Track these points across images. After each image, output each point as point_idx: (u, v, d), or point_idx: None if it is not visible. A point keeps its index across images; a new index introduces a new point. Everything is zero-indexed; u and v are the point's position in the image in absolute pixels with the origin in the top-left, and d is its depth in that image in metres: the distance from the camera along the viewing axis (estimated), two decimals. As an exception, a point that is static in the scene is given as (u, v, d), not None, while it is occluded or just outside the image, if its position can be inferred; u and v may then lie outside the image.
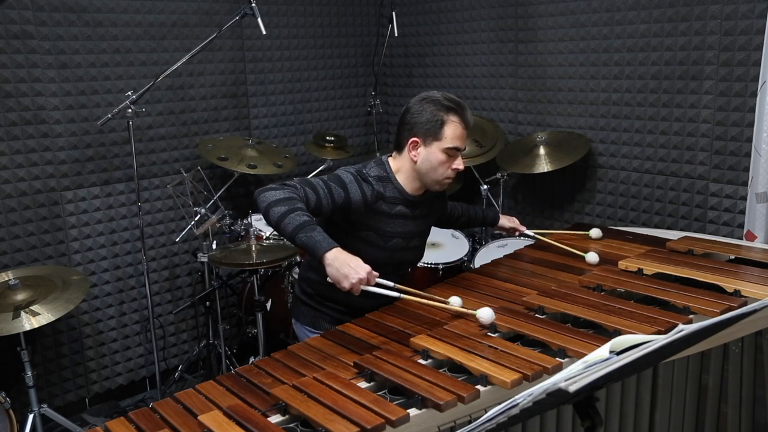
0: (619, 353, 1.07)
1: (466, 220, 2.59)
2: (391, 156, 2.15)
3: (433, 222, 2.36)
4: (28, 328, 2.48)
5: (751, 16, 2.71)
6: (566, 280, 2.21)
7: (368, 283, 1.81)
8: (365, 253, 1.97)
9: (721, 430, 2.06)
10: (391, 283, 1.91)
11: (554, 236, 2.67)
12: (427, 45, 4.08)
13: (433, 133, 2.03)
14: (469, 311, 1.89)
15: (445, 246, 3.33)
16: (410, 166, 2.09)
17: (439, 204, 2.33)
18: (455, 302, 1.99)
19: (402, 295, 1.92)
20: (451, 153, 2.04)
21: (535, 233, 2.67)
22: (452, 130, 2.03)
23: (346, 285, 1.79)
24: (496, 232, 2.74)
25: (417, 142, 2.05)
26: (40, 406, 2.79)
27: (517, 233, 2.67)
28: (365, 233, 2.08)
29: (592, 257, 2.39)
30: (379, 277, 1.87)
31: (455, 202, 2.56)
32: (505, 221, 2.65)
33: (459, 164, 2.07)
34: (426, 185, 2.12)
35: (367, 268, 1.81)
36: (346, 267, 1.78)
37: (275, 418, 1.47)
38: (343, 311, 2.19)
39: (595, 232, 2.67)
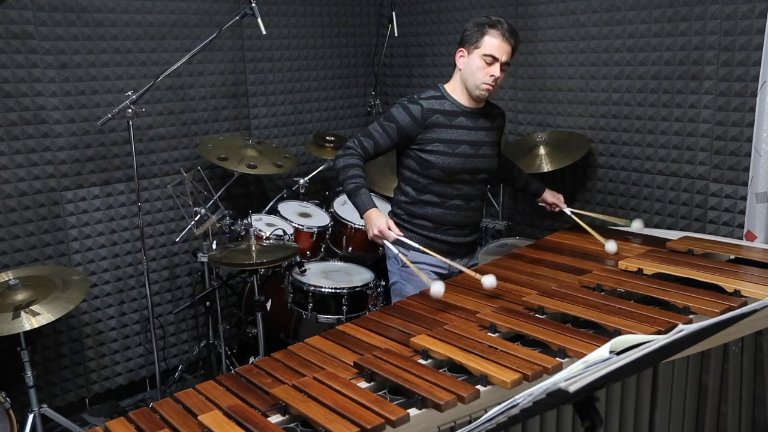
0: (619, 353, 1.07)
1: (508, 172, 2.78)
2: (446, 83, 2.47)
3: (499, 138, 2.57)
4: (28, 328, 2.48)
5: (751, 16, 2.71)
6: (566, 280, 2.21)
7: (385, 237, 2.25)
8: (439, 163, 2.38)
9: (721, 430, 2.06)
10: (414, 244, 2.33)
11: (590, 220, 2.68)
12: (427, 45, 4.08)
13: (474, 42, 2.34)
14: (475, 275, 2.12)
15: (445, 246, 3.32)
16: (458, 76, 2.41)
17: (500, 121, 2.59)
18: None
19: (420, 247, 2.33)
20: (488, 60, 2.32)
21: (572, 212, 2.73)
22: (490, 40, 2.31)
23: (369, 236, 2.32)
24: (540, 204, 2.83)
25: (462, 52, 2.38)
26: (40, 406, 2.79)
27: (557, 209, 2.78)
28: (433, 146, 2.39)
29: (611, 246, 2.46)
30: (460, 186, 2.42)
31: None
32: (549, 196, 2.78)
33: (495, 71, 2.33)
34: (469, 92, 2.40)
35: (380, 226, 2.25)
36: (368, 224, 2.31)
37: (275, 418, 1.47)
38: (429, 227, 2.49)
39: (636, 225, 2.66)
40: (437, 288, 2.06)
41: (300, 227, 3.34)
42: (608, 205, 3.34)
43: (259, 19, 3.06)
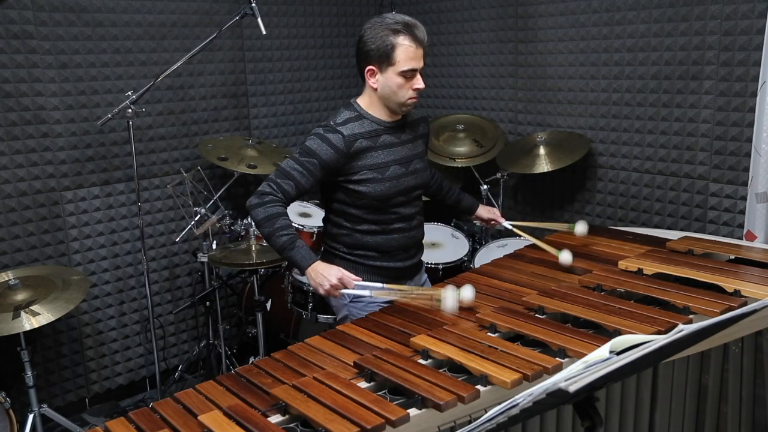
0: (619, 353, 1.07)
1: (437, 187, 2.54)
2: (358, 98, 2.21)
3: (426, 147, 2.35)
4: (28, 328, 2.48)
5: (751, 16, 2.71)
6: (566, 280, 2.21)
7: (345, 286, 2.02)
8: (370, 192, 2.12)
9: (721, 430, 2.06)
10: (378, 285, 2.06)
11: (533, 231, 2.53)
12: (427, 45, 4.07)
13: (386, 59, 2.06)
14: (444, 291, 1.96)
15: (445, 246, 3.33)
16: (375, 94, 2.14)
17: (424, 127, 2.35)
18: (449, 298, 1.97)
19: (385, 286, 2.08)
20: (408, 75, 2.08)
21: (513, 225, 2.56)
22: (404, 53, 2.06)
23: (321, 291, 2.04)
24: (476, 223, 2.67)
25: (374, 70, 2.10)
26: (40, 406, 2.79)
27: (494, 224, 2.60)
28: (361, 174, 2.12)
29: (565, 257, 2.27)
30: (398, 209, 2.17)
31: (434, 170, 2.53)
32: (484, 212, 2.59)
33: (419, 83, 2.10)
34: (391, 110, 2.16)
35: (338, 275, 2.01)
36: (319, 277, 2.02)
37: (275, 418, 1.47)
38: (374, 256, 2.24)
39: (580, 228, 2.50)
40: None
41: (300, 227, 3.33)
42: (608, 205, 3.34)
43: (259, 19, 3.06)
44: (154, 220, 3.55)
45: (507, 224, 2.56)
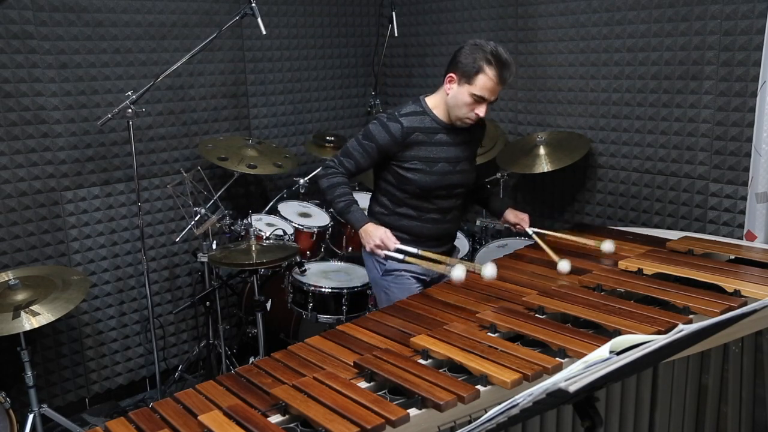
0: (619, 353, 1.07)
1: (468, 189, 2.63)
2: (428, 95, 2.41)
3: (476, 149, 2.56)
4: (28, 328, 2.48)
5: (751, 16, 2.71)
6: (566, 280, 2.21)
7: (386, 248, 2.30)
8: (416, 181, 2.36)
9: (721, 430, 2.06)
10: (413, 249, 2.31)
11: (555, 239, 2.55)
12: (427, 45, 4.08)
13: (467, 76, 2.25)
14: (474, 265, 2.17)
15: (445, 246, 3.32)
16: (444, 98, 2.35)
17: (480, 132, 2.55)
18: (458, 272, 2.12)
19: (419, 252, 2.32)
20: (477, 99, 2.26)
21: (534, 232, 2.56)
22: (484, 81, 2.23)
23: (367, 248, 2.36)
24: (504, 224, 2.70)
25: (453, 78, 2.30)
26: (40, 406, 2.79)
27: (520, 229, 2.62)
28: (411, 163, 2.36)
29: (563, 266, 2.28)
30: (437, 201, 2.40)
31: None
32: (511, 216, 2.63)
33: (482, 111, 2.29)
34: (450, 117, 2.36)
35: (381, 236, 2.31)
36: (366, 236, 2.34)
37: (275, 418, 1.47)
38: (407, 239, 2.40)
39: (607, 246, 2.40)
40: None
41: (300, 227, 3.34)
42: (608, 205, 3.34)
43: (259, 19, 3.06)
44: (154, 220, 3.55)
45: (530, 231, 2.58)
